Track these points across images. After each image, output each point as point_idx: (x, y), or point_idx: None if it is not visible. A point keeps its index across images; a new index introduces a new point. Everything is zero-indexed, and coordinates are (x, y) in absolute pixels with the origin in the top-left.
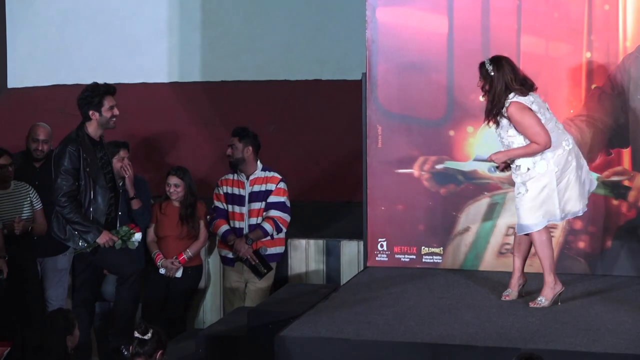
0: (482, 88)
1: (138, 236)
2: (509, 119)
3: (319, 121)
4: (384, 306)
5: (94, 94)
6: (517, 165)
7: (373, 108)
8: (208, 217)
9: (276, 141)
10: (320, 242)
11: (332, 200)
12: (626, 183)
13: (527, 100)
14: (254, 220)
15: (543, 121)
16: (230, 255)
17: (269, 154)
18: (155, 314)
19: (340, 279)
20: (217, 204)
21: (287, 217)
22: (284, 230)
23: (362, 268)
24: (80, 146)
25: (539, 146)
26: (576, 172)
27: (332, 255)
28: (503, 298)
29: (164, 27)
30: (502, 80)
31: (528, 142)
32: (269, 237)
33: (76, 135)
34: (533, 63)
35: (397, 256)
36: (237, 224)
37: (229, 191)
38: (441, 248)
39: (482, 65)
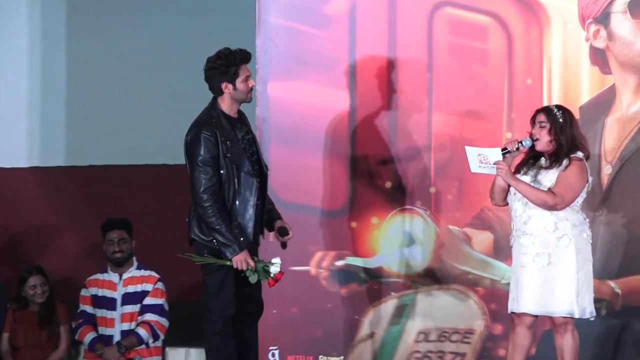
0: (549, 132)
1: (277, 260)
2: (565, 167)
3: None
4: None
5: (228, 63)
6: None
7: None
8: (73, 323)
9: (153, 235)
10: (203, 351)
11: None
12: None
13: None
14: (126, 326)
15: None
16: None
17: (144, 249)
18: None
19: None
20: (84, 307)
21: (165, 322)
22: (162, 336)
23: None
24: (216, 129)
25: (554, 200)
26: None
27: None
28: None
29: (22, 102)
30: (577, 131)
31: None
32: (144, 345)
33: (209, 116)
34: (447, 144)
35: None
36: (107, 331)
37: (98, 293)
38: (342, 357)
39: (547, 110)
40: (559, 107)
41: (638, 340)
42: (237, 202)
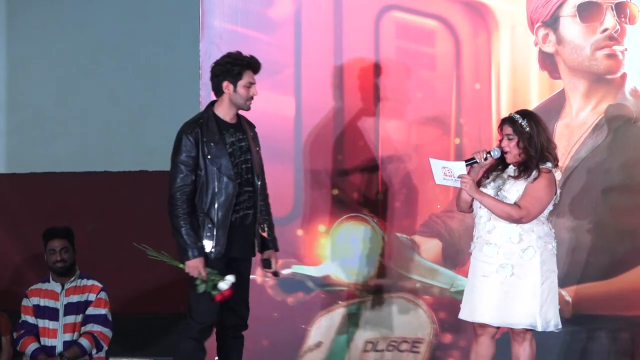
0: (517, 145)
1: (230, 277)
2: (533, 179)
3: (146, 219)
4: None
5: (234, 63)
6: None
7: None
8: (15, 333)
9: (95, 243)
10: None
11: (161, 312)
12: None
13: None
14: (69, 336)
15: None
16: None
17: (87, 258)
18: None
19: None
20: (26, 318)
21: (108, 332)
22: (105, 347)
23: None
24: (200, 129)
25: (519, 214)
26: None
27: None
28: None
29: None
30: (545, 137)
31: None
32: (87, 356)
33: (199, 116)
34: (395, 151)
35: None
36: (49, 342)
37: (40, 303)
38: None
39: (512, 121)
40: (524, 114)
41: (600, 348)
42: (215, 205)
